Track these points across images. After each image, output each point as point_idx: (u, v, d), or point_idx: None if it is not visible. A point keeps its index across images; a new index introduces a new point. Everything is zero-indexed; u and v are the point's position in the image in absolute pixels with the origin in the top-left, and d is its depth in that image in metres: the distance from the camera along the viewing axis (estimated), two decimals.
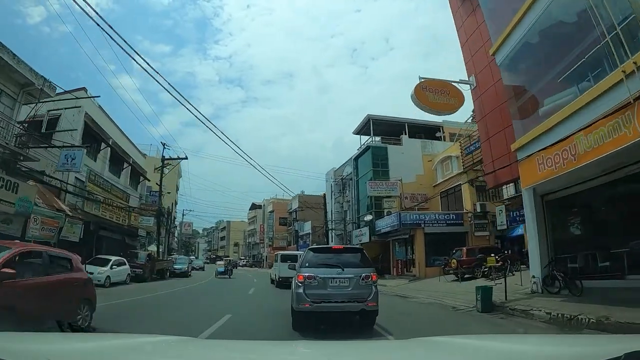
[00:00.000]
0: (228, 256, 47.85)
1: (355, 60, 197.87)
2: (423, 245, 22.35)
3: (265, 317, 9.00)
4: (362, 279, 6.55)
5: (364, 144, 30.66)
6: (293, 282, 7.02)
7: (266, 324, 7.88)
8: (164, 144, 29.06)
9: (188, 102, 27.74)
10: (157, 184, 28.44)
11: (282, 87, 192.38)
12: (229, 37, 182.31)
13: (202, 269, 40.66)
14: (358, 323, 6.97)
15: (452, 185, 25.38)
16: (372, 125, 30.03)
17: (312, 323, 6.51)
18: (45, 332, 2.93)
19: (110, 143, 24.20)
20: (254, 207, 76.85)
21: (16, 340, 1.67)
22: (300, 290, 6.42)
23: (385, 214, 25.38)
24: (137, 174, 29.61)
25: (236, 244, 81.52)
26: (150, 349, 1.84)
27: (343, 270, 6.58)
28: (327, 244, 28.60)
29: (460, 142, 25.63)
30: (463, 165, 24.42)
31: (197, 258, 50.90)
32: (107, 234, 23.56)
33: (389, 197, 24.61)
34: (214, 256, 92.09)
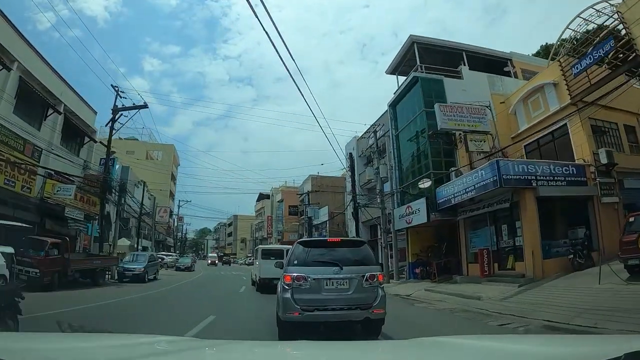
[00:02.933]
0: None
1: (365, 56, 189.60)
2: (537, 220, 12.49)
3: None
4: (366, 280, 5.36)
5: (404, 82, 20.78)
6: (279, 284, 5.74)
7: None
8: (116, 88, 19.98)
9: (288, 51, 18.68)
10: (105, 144, 19.32)
11: (293, 84, 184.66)
12: (238, 36, 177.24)
13: (188, 269, 31.46)
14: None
15: (548, 131, 15.62)
16: (418, 53, 20.19)
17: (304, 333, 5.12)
18: (45, 332, 2.88)
19: (15, 68, 15.24)
20: (261, 197, 68.07)
21: (16, 340, 1.73)
22: (288, 295, 5.21)
23: (452, 175, 15.56)
24: (78, 133, 20.62)
25: (243, 240, 72.81)
26: (149, 349, 1.78)
27: (341, 268, 5.36)
28: (357, 230, 18.92)
29: (560, 60, 15.96)
30: (570, 94, 14.76)
31: (183, 255, 41.15)
32: (5, 210, 14.54)
33: (476, 132, 14.72)
34: (222, 254, 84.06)
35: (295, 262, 5.59)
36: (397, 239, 18.93)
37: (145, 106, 19.91)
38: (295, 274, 5.31)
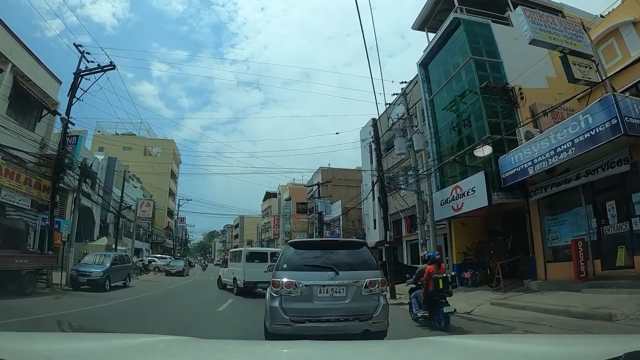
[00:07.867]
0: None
1: (372, 58, 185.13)
2: None
3: None
4: (366, 287, 4.75)
5: (437, 34, 16.22)
6: (268, 291, 5.13)
7: None
8: (79, 47, 16.03)
9: None
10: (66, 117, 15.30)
11: (301, 87, 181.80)
12: (245, 40, 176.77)
13: (180, 273, 27.13)
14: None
15: (630, 83, 10.96)
16: None
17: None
18: (45, 332, 2.85)
19: None
20: (268, 196, 63.96)
21: (16, 340, 1.65)
22: (276, 304, 4.66)
23: (521, 138, 11.00)
24: (33, 103, 16.69)
25: (249, 242, 68.64)
26: (150, 349, 1.78)
27: (337, 274, 4.75)
28: (386, 219, 14.44)
29: None
30: None
31: (177, 258, 35.98)
32: None
33: (577, 54, 10.02)
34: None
35: (285, 266, 4.98)
36: (436, 234, 14.36)
37: (112, 67, 15.87)
38: (284, 280, 4.71)
